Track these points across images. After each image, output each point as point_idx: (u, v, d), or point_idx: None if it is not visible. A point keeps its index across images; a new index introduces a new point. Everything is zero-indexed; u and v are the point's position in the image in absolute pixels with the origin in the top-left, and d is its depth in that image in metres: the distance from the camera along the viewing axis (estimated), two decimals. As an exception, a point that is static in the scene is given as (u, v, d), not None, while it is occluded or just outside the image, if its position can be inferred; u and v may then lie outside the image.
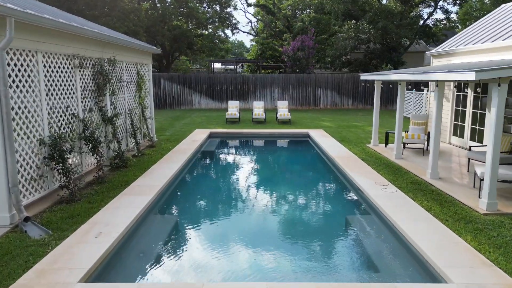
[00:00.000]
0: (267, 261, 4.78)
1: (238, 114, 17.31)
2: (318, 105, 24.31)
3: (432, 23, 34.77)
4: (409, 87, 21.53)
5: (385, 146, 11.76)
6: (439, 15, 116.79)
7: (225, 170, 10.15)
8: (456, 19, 42.55)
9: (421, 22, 32.51)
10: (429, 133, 11.05)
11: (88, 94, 8.11)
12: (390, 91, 24.15)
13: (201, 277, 4.38)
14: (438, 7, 32.25)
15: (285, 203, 7.22)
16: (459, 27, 44.82)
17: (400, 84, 9.67)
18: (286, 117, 16.86)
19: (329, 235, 5.74)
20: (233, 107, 17.88)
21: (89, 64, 8.18)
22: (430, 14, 33.00)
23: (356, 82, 24.15)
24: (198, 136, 13.26)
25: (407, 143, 10.69)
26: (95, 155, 7.78)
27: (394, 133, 11.81)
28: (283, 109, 17.75)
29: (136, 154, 10.22)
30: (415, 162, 9.72)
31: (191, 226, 6.05)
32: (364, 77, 12.06)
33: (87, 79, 8.09)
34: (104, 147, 8.62)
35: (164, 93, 24.03)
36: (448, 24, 36.54)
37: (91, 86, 8.26)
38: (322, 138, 12.88)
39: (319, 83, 24.09)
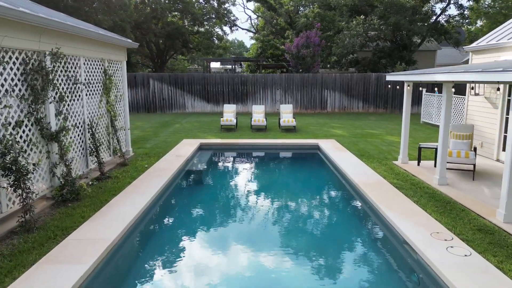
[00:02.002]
0: None
1: (235, 120, 14.89)
2: (325, 108, 21.88)
3: (444, 19, 32.39)
4: (421, 88, 19.16)
5: (418, 165, 9.32)
6: (452, 11, 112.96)
7: (212, 204, 7.51)
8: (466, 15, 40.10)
9: (433, 18, 30.20)
10: (475, 149, 8.63)
11: (13, 102, 5.68)
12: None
13: None
14: (452, 2, 29.83)
15: (295, 274, 4.78)
16: (471, 25, 42.37)
17: (453, 87, 7.23)
18: (290, 124, 14.43)
19: None
20: (229, 112, 15.45)
21: (16, 58, 5.75)
22: (444, 10, 30.60)
23: (367, 83, 21.71)
24: (185, 149, 10.83)
25: (449, 163, 8.23)
26: (20, 191, 5.35)
27: (430, 148, 9.42)
28: (287, 114, 15.31)
29: (90, 182, 7.76)
30: (466, 190, 7.28)
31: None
32: (391, 77, 9.64)
33: (12, 80, 5.66)
34: (34, 178, 6.14)
35: (154, 95, 21.60)
36: (462, 20, 34.04)
37: (20, 90, 5.83)
38: (336, 152, 10.46)
39: (326, 84, 21.65)
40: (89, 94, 8.16)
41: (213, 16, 32.83)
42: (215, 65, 53.50)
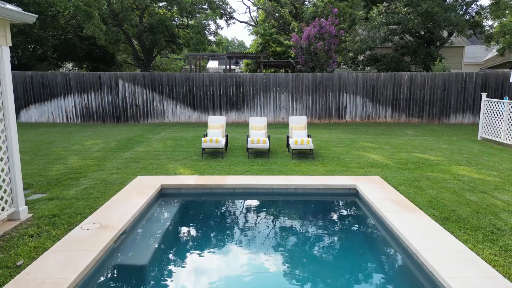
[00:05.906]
0: None
1: (223, 141, 10.13)
2: (343, 117, 17.11)
3: (475, 10, 27.66)
4: (465, 87, 14.29)
5: None
6: (483, 1, 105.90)
7: None
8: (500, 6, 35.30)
9: (463, 8, 25.50)
10: None
11: None
12: (448, 94, 16.92)
13: None
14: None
15: None
16: (504, 17, 37.53)
17: None
18: (305, 146, 9.66)
19: None
20: (215, 128, 10.69)
21: None
22: (475, -1, 25.82)
23: (397, 85, 16.94)
24: (127, 206, 6.05)
25: None
26: None
27: None
28: (299, 131, 10.54)
29: None
30: None
31: None
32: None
33: None
34: None
35: (124, 101, 16.84)
36: (494, 13, 29.20)
37: None
38: (397, 212, 5.70)
39: (345, 86, 16.89)
40: None
41: (205, 7, 28.08)
42: (212, 65, 48.55)
